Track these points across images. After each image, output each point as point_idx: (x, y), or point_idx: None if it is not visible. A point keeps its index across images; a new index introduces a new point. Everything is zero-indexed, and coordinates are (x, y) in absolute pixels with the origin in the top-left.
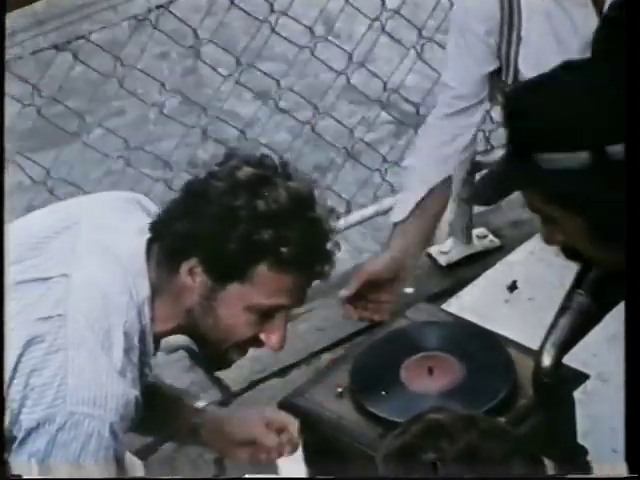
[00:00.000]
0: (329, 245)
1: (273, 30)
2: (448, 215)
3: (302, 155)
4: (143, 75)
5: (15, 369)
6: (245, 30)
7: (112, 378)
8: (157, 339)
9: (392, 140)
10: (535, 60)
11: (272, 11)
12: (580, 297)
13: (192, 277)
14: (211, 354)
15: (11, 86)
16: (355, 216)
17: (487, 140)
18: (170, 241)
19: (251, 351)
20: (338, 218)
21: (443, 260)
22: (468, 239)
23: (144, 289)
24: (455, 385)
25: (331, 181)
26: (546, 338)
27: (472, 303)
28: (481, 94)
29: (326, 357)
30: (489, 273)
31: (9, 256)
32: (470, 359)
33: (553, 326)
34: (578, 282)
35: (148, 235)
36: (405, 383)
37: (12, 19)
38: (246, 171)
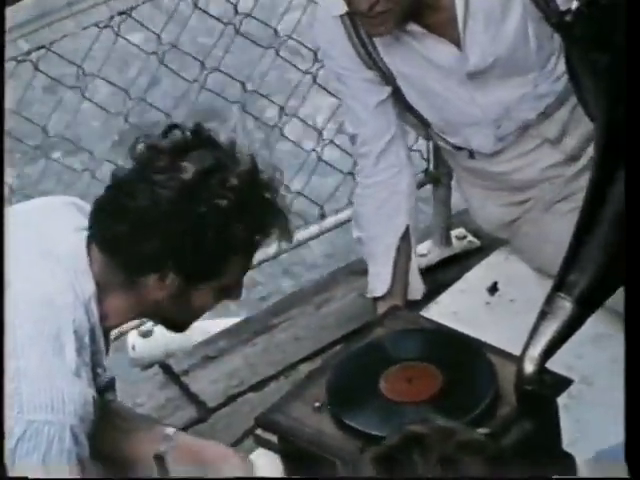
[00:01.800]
0: (280, 206)
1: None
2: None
3: None
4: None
5: None
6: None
7: (67, 380)
8: (108, 333)
9: None
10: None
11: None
12: (561, 301)
13: (162, 281)
14: (174, 326)
15: None
16: (330, 220)
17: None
18: (130, 259)
19: (227, 366)
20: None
21: (422, 263)
22: (447, 241)
23: (89, 286)
24: (436, 395)
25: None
26: (527, 344)
27: (452, 307)
28: (389, 128)
29: (304, 368)
30: (469, 275)
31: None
32: (451, 367)
33: (534, 331)
34: (559, 285)
35: (85, 233)
36: (384, 394)
37: None
38: (188, 168)
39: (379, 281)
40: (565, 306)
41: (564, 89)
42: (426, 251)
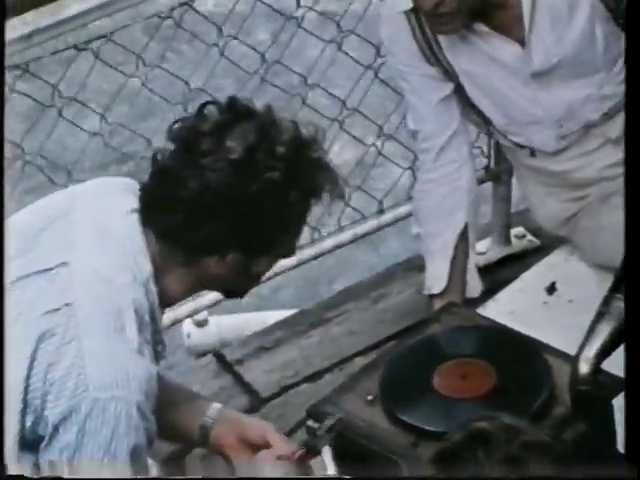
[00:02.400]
0: (328, 164)
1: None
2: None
3: None
4: None
5: (30, 367)
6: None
7: (130, 357)
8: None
9: None
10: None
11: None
12: (619, 302)
13: (223, 261)
14: (236, 293)
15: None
16: (388, 215)
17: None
18: (189, 245)
19: (282, 356)
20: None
21: (481, 261)
22: (506, 239)
23: (146, 267)
24: (489, 392)
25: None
26: (583, 344)
27: (509, 306)
28: (450, 124)
29: (359, 361)
30: (527, 274)
31: (7, 253)
32: (505, 365)
33: (591, 332)
34: (616, 286)
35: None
36: (438, 390)
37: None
38: (234, 148)
39: (436, 278)
40: (622, 307)
41: None
42: (485, 249)
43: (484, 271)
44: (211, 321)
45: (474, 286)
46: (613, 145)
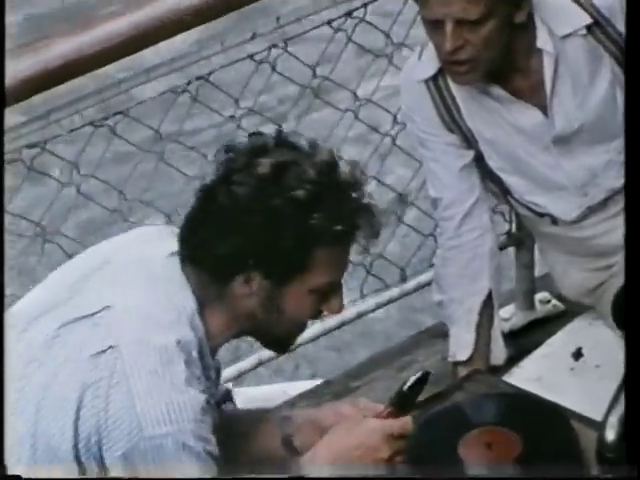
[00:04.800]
0: (364, 201)
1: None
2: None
3: None
4: None
5: (77, 417)
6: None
7: (179, 389)
8: (215, 351)
9: None
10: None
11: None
12: None
13: (249, 285)
14: (277, 342)
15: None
16: (411, 283)
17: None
18: (214, 263)
19: None
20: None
21: (505, 327)
22: (530, 304)
23: (189, 301)
24: (515, 461)
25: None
26: (609, 411)
27: (535, 372)
28: (472, 192)
29: None
30: (553, 340)
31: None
32: (531, 434)
33: (616, 397)
34: None
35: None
36: (464, 459)
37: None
38: (264, 163)
39: (461, 345)
40: None
41: None
42: (509, 315)
43: (509, 337)
44: (235, 393)
45: (499, 353)
46: None
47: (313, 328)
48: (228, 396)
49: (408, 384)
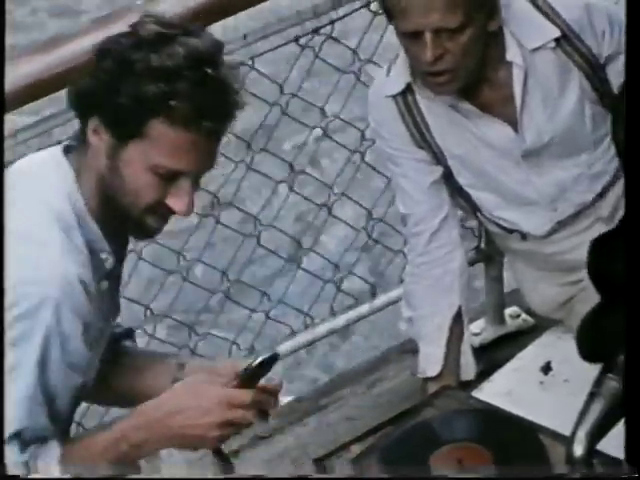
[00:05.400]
0: (226, 103)
1: None
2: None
3: None
4: None
5: None
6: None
7: (51, 257)
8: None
9: None
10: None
11: None
12: (611, 382)
13: (98, 136)
14: (129, 220)
15: None
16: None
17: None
18: (75, 100)
19: (278, 445)
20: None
21: (475, 342)
22: (500, 319)
23: (69, 172)
24: (486, 477)
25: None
26: (577, 425)
27: (505, 386)
28: (441, 208)
29: (356, 448)
30: (523, 354)
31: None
32: (501, 449)
33: (584, 412)
34: (608, 366)
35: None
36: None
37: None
38: (149, 28)
39: (431, 361)
40: (614, 387)
41: (617, 168)
42: (479, 330)
43: (479, 351)
44: None
45: (469, 368)
46: (605, 223)
47: (285, 345)
48: (130, 334)
49: (257, 361)
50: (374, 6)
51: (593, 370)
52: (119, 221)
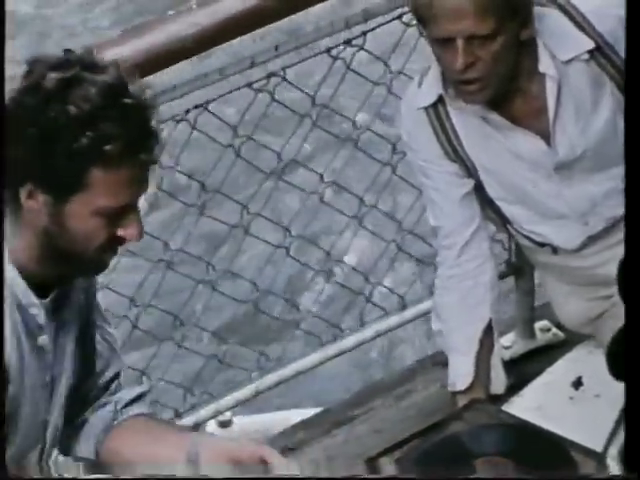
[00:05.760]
0: (152, 127)
1: None
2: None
3: None
4: None
5: None
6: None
7: None
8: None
9: None
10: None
11: None
12: None
13: (34, 200)
14: (82, 262)
15: None
16: (411, 311)
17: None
18: (3, 172)
19: (306, 457)
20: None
21: (505, 355)
22: (530, 333)
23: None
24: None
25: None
26: (609, 441)
27: (535, 401)
28: (472, 220)
29: (384, 461)
30: (553, 368)
31: None
32: (531, 464)
33: (616, 428)
34: None
35: None
36: None
37: None
38: (51, 77)
39: (461, 374)
40: None
41: None
42: (509, 343)
43: (509, 365)
44: (235, 422)
45: (499, 382)
46: None
47: (312, 357)
48: (141, 397)
49: None
50: (406, 18)
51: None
52: (67, 268)
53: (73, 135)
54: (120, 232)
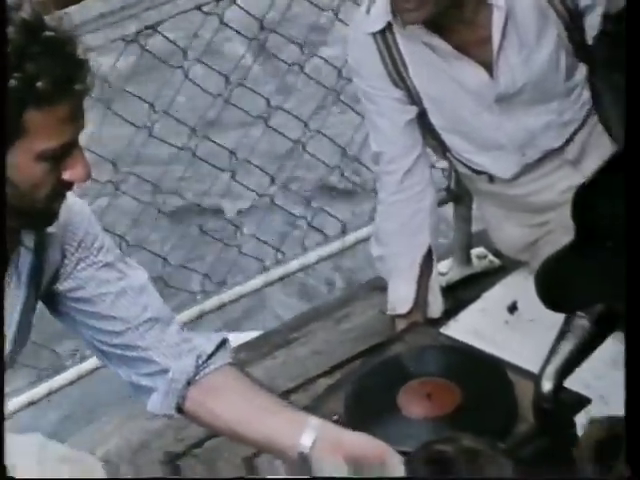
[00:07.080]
0: (79, 54)
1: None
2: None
3: None
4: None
5: None
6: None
7: None
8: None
9: None
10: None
11: None
12: (580, 320)
13: None
14: (31, 215)
15: None
16: (350, 238)
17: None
18: None
19: None
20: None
21: (442, 281)
22: (467, 260)
23: None
24: (454, 411)
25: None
26: (546, 362)
27: (471, 325)
28: (415, 147)
29: (323, 382)
30: (488, 294)
31: None
32: (469, 384)
33: (553, 350)
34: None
35: None
36: (402, 409)
37: None
38: None
39: (401, 299)
40: (584, 325)
41: (586, 113)
42: (446, 269)
43: (445, 291)
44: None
45: (436, 306)
46: (571, 167)
47: (255, 282)
48: (224, 343)
49: None
50: None
51: None
52: (16, 223)
53: (1, 80)
54: (66, 175)
